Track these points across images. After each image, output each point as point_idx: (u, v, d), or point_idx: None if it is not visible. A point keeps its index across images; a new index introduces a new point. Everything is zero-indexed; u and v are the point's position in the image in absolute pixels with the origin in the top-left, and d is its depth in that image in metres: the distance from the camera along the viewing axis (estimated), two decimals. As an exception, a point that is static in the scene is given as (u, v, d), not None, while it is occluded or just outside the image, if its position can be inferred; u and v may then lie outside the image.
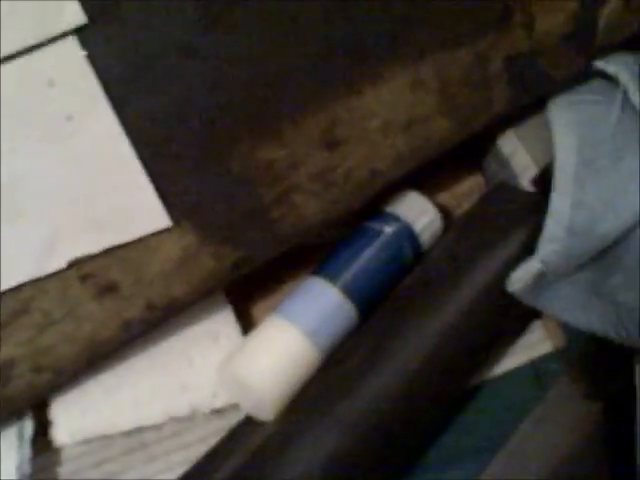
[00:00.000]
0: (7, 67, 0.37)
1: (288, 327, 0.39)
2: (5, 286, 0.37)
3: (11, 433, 0.39)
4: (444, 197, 0.48)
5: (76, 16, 0.38)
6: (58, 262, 0.37)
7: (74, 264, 0.38)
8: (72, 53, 0.38)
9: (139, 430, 0.40)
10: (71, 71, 0.38)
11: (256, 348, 0.40)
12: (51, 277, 0.38)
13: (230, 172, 0.39)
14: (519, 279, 0.40)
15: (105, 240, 0.38)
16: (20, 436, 0.38)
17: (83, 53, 0.38)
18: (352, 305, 0.40)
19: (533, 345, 0.44)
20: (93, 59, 0.38)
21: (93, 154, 0.38)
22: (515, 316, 0.43)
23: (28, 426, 0.39)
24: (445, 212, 0.45)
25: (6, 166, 0.37)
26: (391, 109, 0.41)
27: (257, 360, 0.39)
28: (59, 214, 0.38)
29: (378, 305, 0.41)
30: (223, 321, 0.42)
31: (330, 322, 0.40)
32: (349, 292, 0.41)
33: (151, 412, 0.40)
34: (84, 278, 0.38)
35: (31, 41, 0.37)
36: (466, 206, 0.47)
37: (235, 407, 0.41)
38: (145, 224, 0.38)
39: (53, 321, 0.38)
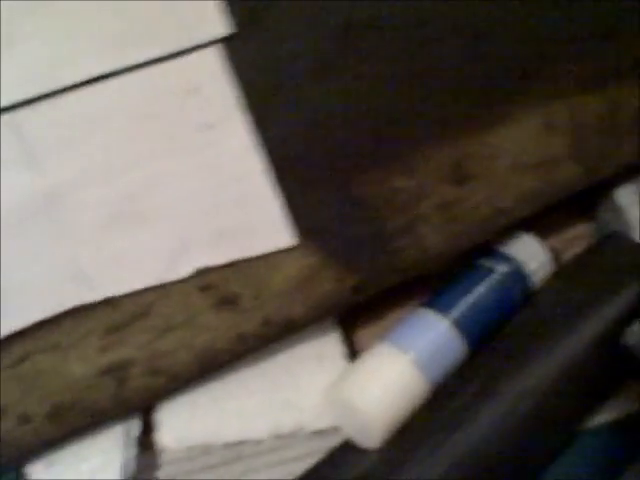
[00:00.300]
0: (147, 72, 0.38)
1: (399, 356, 0.39)
2: (129, 289, 0.38)
3: (118, 431, 0.39)
4: (553, 239, 0.48)
5: (220, 25, 0.38)
6: (183, 270, 0.38)
7: (198, 274, 0.38)
8: (214, 62, 0.38)
9: (240, 442, 0.41)
10: (212, 80, 0.38)
11: (366, 374, 0.40)
12: (173, 284, 0.38)
13: (357, 197, 0.40)
14: (635, 333, 0.40)
15: (230, 253, 0.38)
16: (127, 435, 0.39)
17: (225, 63, 0.38)
18: (462, 339, 0.40)
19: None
20: (235, 69, 0.38)
21: (226, 166, 0.39)
22: (623, 369, 0.42)
23: (135, 425, 0.39)
24: (553, 255, 0.45)
25: (140, 171, 0.38)
26: (521, 149, 0.41)
27: (366, 386, 0.39)
28: (188, 223, 0.38)
29: (487, 341, 0.41)
30: (330, 343, 0.42)
31: (440, 354, 0.40)
32: (460, 326, 0.41)
33: (255, 426, 0.40)
34: (205, 288, 0.39)
35: (173, 48, 0.38)
36: (574, 251, 0.46)
37: (337, 429, 0.41)
38: (270, 241, 0.39)
39: (172, 327, 0.38)
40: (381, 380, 0.39)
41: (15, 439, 0.37)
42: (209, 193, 0.39)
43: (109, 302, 0.38)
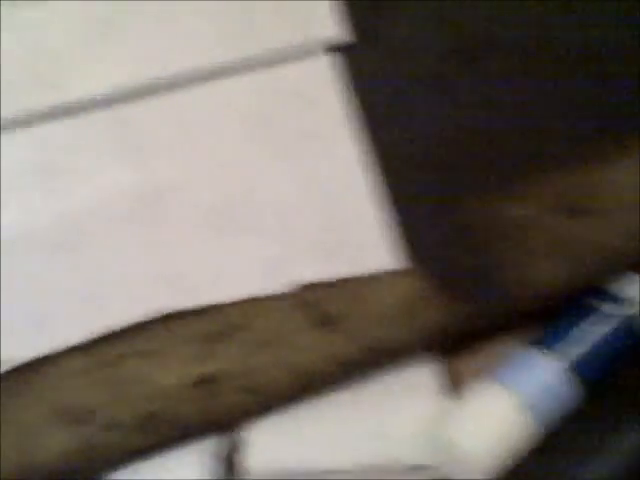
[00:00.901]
0: (260, 75, 0.37)
1: (508, 396, 0.37)
2: (226, 298, 0.36)
3: (205, 446, 0.38)
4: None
5: (337, 33, 0.37)
6: (282, 284, 0.36)
7: (299, 289, 0.36)
8: (329, 71, 0.37)
9: (327, 471, 0.39)
10: (325, 90, 0.37)
11: (471, 413, 0.37)
12: (274, 299, 0.37)
13: (470, 225, 0.38)
14: None
15: (331, 269, 0.37)
16: (213, 451, 0.38)
17: (341, 73, 0.37)
18: (576, 384, 0.38)
19: None
20: (350, 81, 0.37)
21: (332, 179, 0.37)
22: None
23: (222, 442, 0.38)
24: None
25: (245, 176, 0.36)
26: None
27: (471, 425, 0.37)
28: (290, 234, 0.37)
29: (601, 387, 0.38)
30: (427, 374, 0.40)
31: (552, 398, 0.37)
32: (574, 370, 0.38)
33: (344, 455, 0.38)
34: (306, 305, 0.37)
35: (287, 52, 0.37)
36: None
37: (431, 466, 0.38)
38: (375, 261, 0.37)
39: (268, 343, 0.37)
40: (488, 421, 0.37)
41: (100, 445, 0.35)
42: (313, 205, 0.37)
43: (207, 312, 0.36)
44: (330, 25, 0.37)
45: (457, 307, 0.37)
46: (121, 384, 0.36)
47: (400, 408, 0.39)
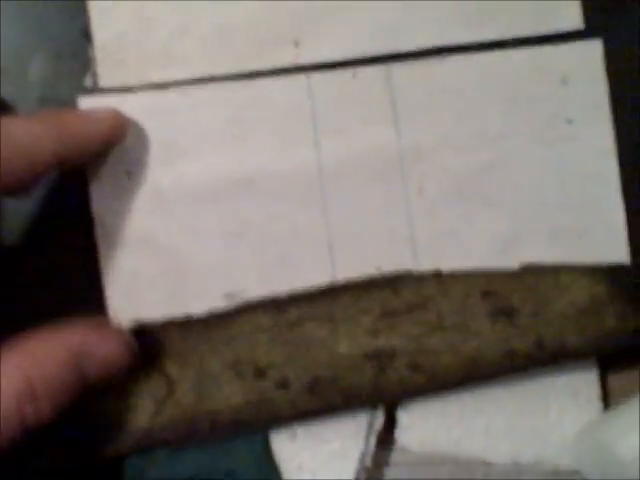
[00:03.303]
0: (518, 53, 0.37)
1: (670, 411, 0.37)
2: (458, 266, 0.37)
3: (362, 420, 0.38)
4: None
5: (580, 21, 0.37)
6: (511, 261, 0.37)
7: (484, 278, 0.36)
8: (591, 57, 0.37)
9: (473, 461, 0.39)
10: (583, 74, 0.37)
11: (630, 425, 0.37)
12: (456, 282, 0.37)
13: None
14: None
15: (560, 253, 0.37)
16: (370, 425, 0.38)
17: (601, 60, 0.37)
18: None
19: None
20: (612, 65, 0.37)
21: (578, 164, 0.37)
22: None
23: (379, 418, 0.38)
24: None
25: (491, 150, 0.37)
26: None
27: (630, 437, 0.36)
28: (526, 214, 0.37)
29: None
30: (586, 380, 0.40)
31: None
32: None
33: (497, 449, 0.38)
34: (486, 294, 0.37)
35: (535, 31, 0.37)
36: None
37: (579, 473, 0.38)
38: (607, 252, 0.37)
39: (444, 326, 0.37)
40: (649, 433, 0.37)
41: (269, 402, 0.36)
42: (554, 188, 0.37)
43: (390, 287, 0.36)
44: (575, 16, 0.37)
45: (631, 318, 0.37)
46: (298, 346, 0.36)
47: (557, 410, 0.39)
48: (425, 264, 0.36)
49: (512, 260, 0.37)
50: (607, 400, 0.40)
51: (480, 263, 0.36)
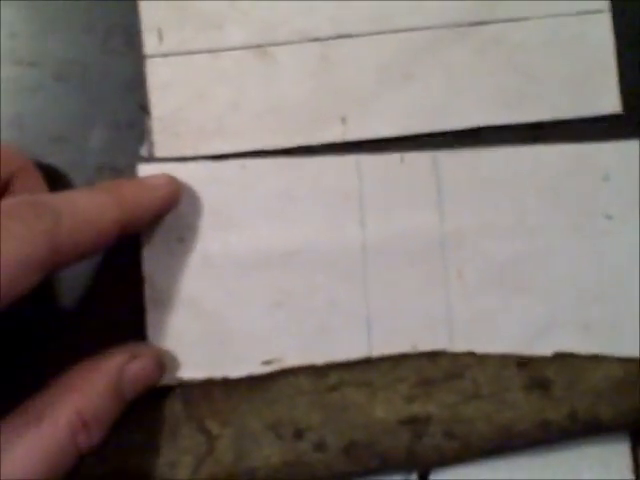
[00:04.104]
0: (562, 148, 0.38)
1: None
2: (490, 350, 0.38)
3: (396, 483, 0.39)
4: None
5: (618, 108, 0.39)
6: (542, 349, 0.38)
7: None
8: (631, 154, 0.38)
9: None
10: (624, 172, 0.38)
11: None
12: (494, 354, 0.38)
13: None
14: None
15: (590, 345, 0.38)
16: (404, 490, 0.38)
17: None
18: None
19: None
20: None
21: (613, 259, 0.38)
22: None
23: (412, 482, 0.39)
24: None
25: (530, 238, 0.38)
26: None
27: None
28: (560, 304, 0.38)
29: None
30: (619, 451, 0.40)
31: None
32: None
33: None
34: (522, 365, 0.38)
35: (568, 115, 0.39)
36: None
37: None
38: (631, 345, 0.38)
39: (479, 395, 0.38)
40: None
41: (306, 464, 0.37)
42: (589, 281, 0.38)
43: (427, 355, 0.37)
44: (614, 101, 0.38)
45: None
46: (336, 410, 0.37)
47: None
48: (460, 345, 0.38)
49: (545, 347, 0.38)
50: (638, 473, 0.40)
51: (514, 348, 0.38)
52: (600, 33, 0.39)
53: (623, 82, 0.39)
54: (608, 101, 0.39)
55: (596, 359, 0.38)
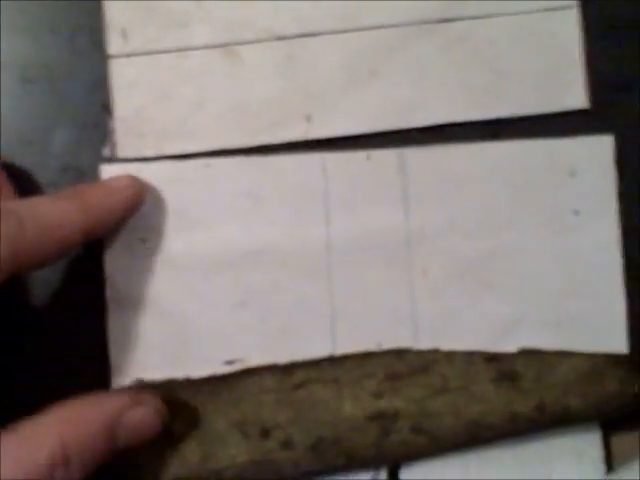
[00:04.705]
0: (525, 144, 0.38)
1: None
2: (455, 347, 0.38)
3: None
4: None
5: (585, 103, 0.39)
6: (509, 345, 0.38)
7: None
8: (604, 150, 0.38)
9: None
10: (595, 167, 0.38)
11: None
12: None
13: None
14: None
15: (558, 341, 0.38)
16: (374, 485, 0.38)
17: (613, 152, 0.38)
18: None
19: None
20: (620, 157, 0.38)
21: (581, 255, 0.38)
22: None
23: (382, 478, 0.39)
24: None
25: (497, 236, 0.38)
26: None
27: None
28: (527, 300, 0.38)
29: None
30: (590, 441, 0.40)
31: None
32: None
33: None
34: (490, 360, 0.38)
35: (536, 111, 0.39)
36: None
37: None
38: (603, 342, 0.38)
39: (447, 389, 0.38)
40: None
41: (273, 462, 0.37)
42: (556, 278, 0.38)
43: (394, 351, 0.37)
44: (581, 96, 0.38)
45: (632, 381, 0.38)
46: (302, 408, 0.37)
47: (564, 472, 0.39)
48: (425, 343, 0.38)
49: (512, 344, 0.38)
50: (610, 462, 0.41)
51: (479, 345, 0.38)
52: (567, 29, 0.39)
53: (591, 78, 0.39)
54: (575, 97, 0.38)
55: (563, 351, 0.38)
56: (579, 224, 0.38)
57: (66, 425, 0.31)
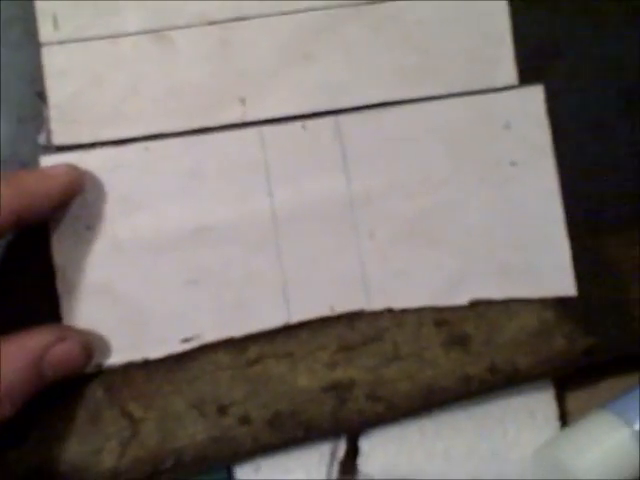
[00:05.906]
0: (461, 101, 0.39)
1: (622, 427, 0.38)
2: (406, 304, 0.38)
3: (325, 450, 0.39)
4: None
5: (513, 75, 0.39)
6: (458, 298, 0.39)
7: (436, 309, 0.38)
8: (535, 100, 0.39)
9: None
10: (528, 118, 0.39)
11: (585, 440, 0.38)
12: (410, 314, 0.38)
13: (607, 258, 0.39)
14: None
15: (507, 290, 0.39)
16: (333, 455, 0.39)
17: (544, 102, 0.39)
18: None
19: None
20: (551, 109, 0.39)
21: (522, 204, 0.39)
22: None
23: (341, 447, 0.39)
24: None
25: (439, 193, 0.39)
26: None
27: (584, 453, 0.38)
28: (472, 252, 0.39)
29: None
30: (543, 399, 0.41)
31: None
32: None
33: (458, 472, 0.40)
34: (440, 324, 0.38)
35: (468, 86, 0.39)
36: None
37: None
38: (552, 287, 0.39)
39: (400, 356, 0.38)
40: (601, 449, 0.38)
41: (232, 438, 0.37)
42: (500, 228, 0.39)
43: (345, 321, 0.38)
44: (511, 73, 0.39)
45: (580, 339, 0.39)
46: (258, 383, 0.37)
47: (515, 430, 0.40)
48: (377, 303, 0.38)
49: (462, 297, 0.38)
50: (565, 419, 0.41)
51: (430, 301, 0.38)
52: (496, 7, 0.39)
53: (519, 55, 0.39)
54: (504, 73, 0.39)
55: (511, 311, 0.39)
56: (517, 174, 0.39)
57: None
